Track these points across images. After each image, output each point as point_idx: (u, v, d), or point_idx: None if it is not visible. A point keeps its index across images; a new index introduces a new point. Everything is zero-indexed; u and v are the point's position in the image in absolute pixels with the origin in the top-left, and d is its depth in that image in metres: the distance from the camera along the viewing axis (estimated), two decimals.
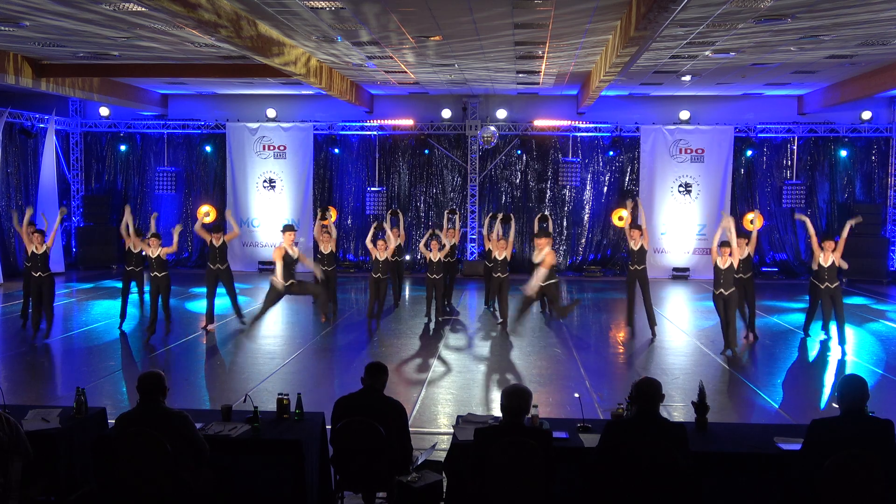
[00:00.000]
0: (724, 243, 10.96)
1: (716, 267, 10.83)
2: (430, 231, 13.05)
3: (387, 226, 14.11)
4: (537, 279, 11.30)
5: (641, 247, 12.23)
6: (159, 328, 11.89)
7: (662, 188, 19.53)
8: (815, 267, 11.41)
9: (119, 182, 20.73)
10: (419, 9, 10.11)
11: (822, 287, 11.19)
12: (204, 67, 15.06)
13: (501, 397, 4.73)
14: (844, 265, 11.30)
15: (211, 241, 12.52)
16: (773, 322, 13.59)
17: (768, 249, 19.81)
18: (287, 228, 11.60)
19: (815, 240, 11.76)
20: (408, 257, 20.10)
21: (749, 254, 11.57)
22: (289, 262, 10.82)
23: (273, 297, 11.01)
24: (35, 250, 11.77)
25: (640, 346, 11.63)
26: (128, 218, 12.82)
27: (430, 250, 12.89)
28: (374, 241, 12.88)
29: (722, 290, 10.74)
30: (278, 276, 10.76)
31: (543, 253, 11.45)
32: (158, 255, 11.70)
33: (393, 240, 13.60)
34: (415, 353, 11.02)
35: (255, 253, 20.07)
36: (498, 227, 14.11)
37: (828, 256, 11.21)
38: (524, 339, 11.86)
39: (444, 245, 13.21)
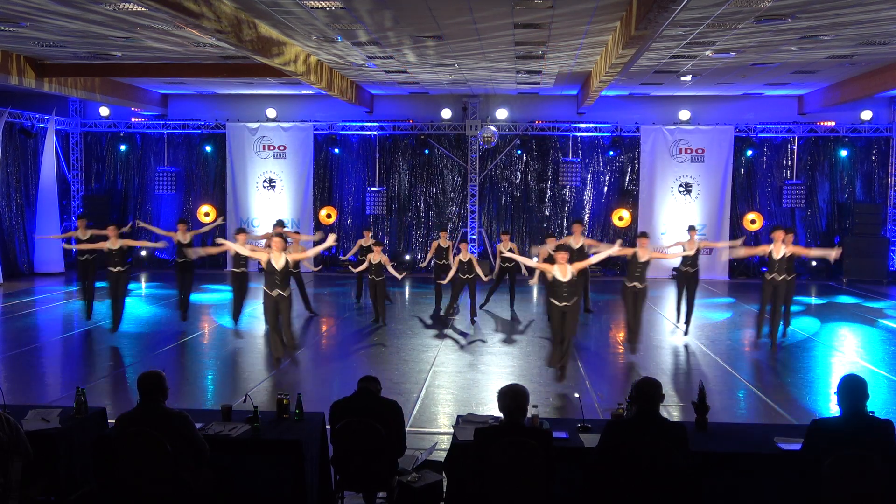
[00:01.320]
0: (643, 234, 11.18)
1: (633, 260, 10.54)
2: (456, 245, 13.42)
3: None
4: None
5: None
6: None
7: (662, 188, 19.53)
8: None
9: (119, 182, 20.72)
10: (419, 9, 10.11)
11: (769, 279, 10.55)
12: (204, 67, 15.06)
13: (498, 398, 4.73)
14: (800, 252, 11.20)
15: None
16: None
17: None
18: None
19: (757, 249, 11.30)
20: (407, 257, 20.12)
21: (698, 249, 11.57)
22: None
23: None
24: (112, 245, 11.87)
25: (641, 347, 11.62)
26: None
27: (460, 251, 13.13)
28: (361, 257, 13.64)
29: (636, 283, 10.58)
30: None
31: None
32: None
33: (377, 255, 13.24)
34: (415, 352, 11.02)
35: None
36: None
37: (779, 247, 10.50)
38: (524, 338, 11.86)
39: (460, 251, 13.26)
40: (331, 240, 9.73)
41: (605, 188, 20.10)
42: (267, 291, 9.80)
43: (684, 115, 19.38)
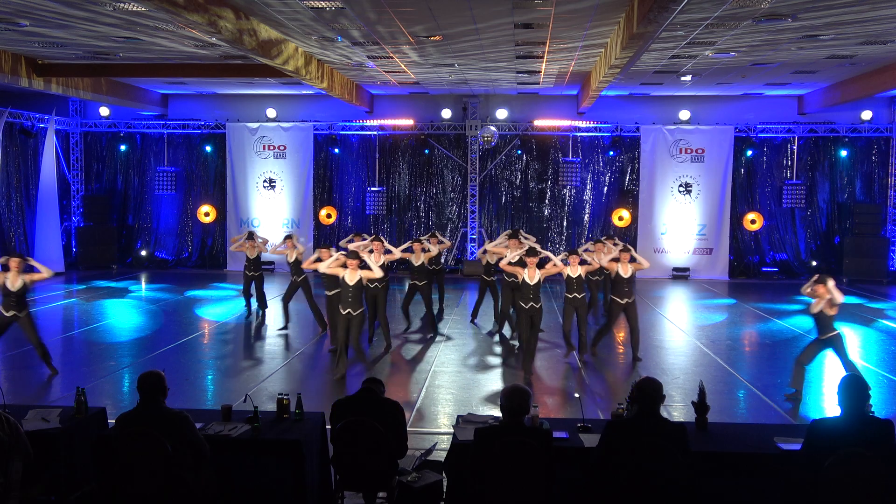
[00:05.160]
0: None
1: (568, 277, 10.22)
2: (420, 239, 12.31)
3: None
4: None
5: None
6: None
7: (662, 188, 19.53)
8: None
9: (119, 182, 20.73)
10: (419, 9, 10.11)
11: (623, 303, 10.31)
12: (204, 67, 15.06)
13: (501, 397, 4.73)
14: (645, 264, 10.58)
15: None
16: (774, 322, 13.59)
17: (768, 249, 19.82)
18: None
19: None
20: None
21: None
22: None
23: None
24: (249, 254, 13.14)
25: (640, 347, 11.60)
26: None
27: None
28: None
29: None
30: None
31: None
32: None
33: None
34: (415, 352, 11.02)
35: None
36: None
37: (627, 268, 10.31)
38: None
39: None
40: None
41: (605, 188, 20.10)
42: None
43: (684, 115, 19.38)
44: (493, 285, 12.69)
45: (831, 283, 8.60)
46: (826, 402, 8.83)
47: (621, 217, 19.83)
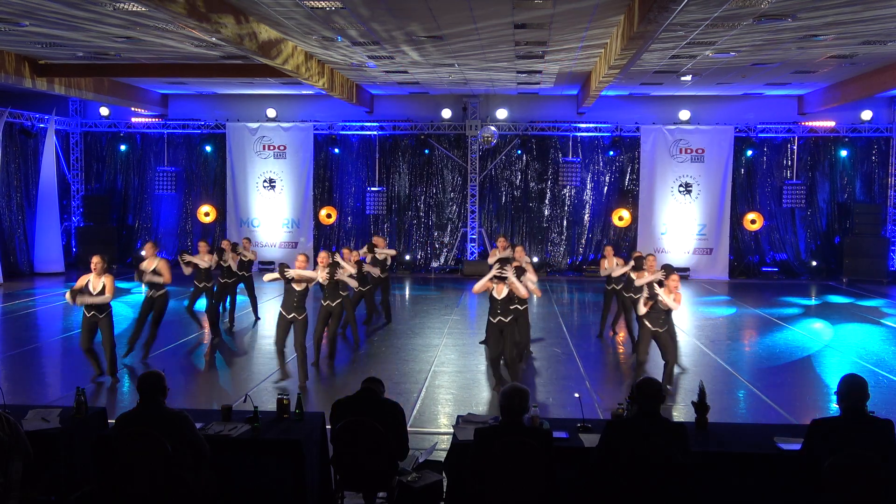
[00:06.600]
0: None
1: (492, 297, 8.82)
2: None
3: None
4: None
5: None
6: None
7: (662, 188, 19.53)
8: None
9: (119, 182, 20.74)
10: (419, 9, 10.11)
11: (662, 331, 8.85)
12: (204, 67, 15.07)
13: (500, 397, 4.74)
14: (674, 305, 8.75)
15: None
16: (774, 322, 13.59)
17: (768, 249, 19.83)
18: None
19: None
20: (407, 257, 20.15)
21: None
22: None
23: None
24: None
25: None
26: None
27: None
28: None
29: (501, 317, 8.77)
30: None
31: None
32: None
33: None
34: (415, 352, 11.02)
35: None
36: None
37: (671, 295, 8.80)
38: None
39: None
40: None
41: (605, 188, 20.11)
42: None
43: (684, 115, 19.38)
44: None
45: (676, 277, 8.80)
46: (826, 401, 8.82)
47: (621, 217, 19.83)
